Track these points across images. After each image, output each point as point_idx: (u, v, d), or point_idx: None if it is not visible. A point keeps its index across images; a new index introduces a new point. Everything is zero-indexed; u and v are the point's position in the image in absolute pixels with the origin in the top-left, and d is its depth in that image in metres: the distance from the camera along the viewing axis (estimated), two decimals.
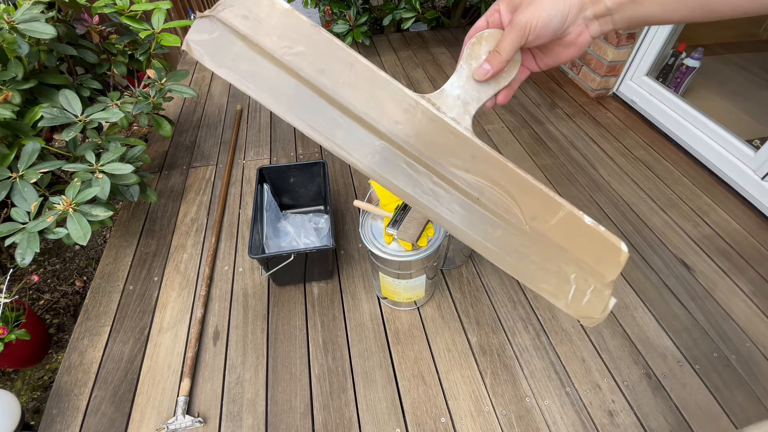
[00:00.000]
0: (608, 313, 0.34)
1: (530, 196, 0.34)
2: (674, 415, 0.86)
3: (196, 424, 0.84)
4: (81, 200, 0.89)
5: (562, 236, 0.34)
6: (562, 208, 0.34)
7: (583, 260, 0.34)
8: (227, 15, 0.30)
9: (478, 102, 0.34)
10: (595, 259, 0.34)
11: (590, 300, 0.34)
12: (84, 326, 1.02)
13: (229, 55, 0.31)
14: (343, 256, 1.17)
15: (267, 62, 0.31)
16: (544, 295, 0.35)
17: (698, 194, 1.35)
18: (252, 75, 0.31)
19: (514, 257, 0.34)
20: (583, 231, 0.34)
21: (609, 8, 0.29)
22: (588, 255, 0.34)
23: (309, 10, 3.40)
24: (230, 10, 0.30)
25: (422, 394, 0.89)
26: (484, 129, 1.65)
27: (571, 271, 0.34)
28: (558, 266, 0.34)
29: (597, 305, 0.34)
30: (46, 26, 0.93)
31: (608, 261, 0.34)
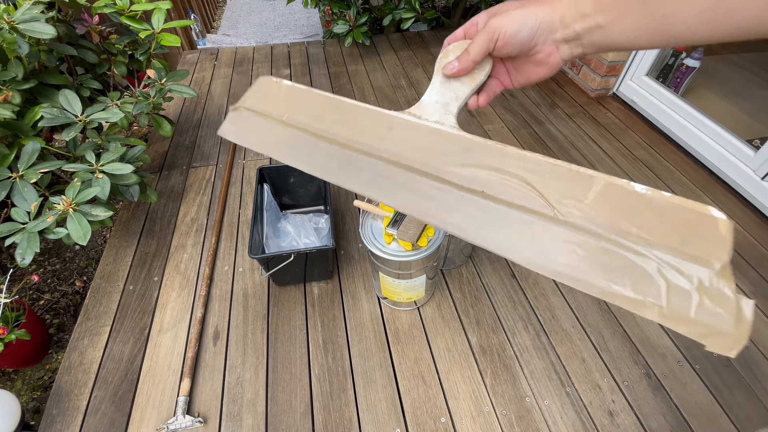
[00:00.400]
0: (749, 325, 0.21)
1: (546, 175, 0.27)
2: (674, 415, 0.86)
3: (196, 424, 0.84)
4: (81, 200, 0.89)
5: (614, 216, 0.24)
6: (594, 179, 0.26)
7: (660, 243, 0.23)
8: (249, 103, 0.39)
9: (458, 101, 0.34)
10: (680, 239, 0.23)
11: (702, 304, 0.22)
12: (84, 326, 1.02)
13: (248, 130, 0.38)
14: (343, 256, 1.17)
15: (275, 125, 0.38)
16: (624, 306, 0.23)
17: (698, 194, 1.35)
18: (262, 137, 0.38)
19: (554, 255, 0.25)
20: (638, 203, 0.24)
21: (578, 33, 0.30)
22: (665, 236, 0.23)
23: (309, 10, 3.40)
24: (251, 99, 0.40)
25: (422, 394, 0.89)
26: (484, 129, 1.65)
27: (651, 263, 0.23)
28: (624, 259, 0.23)
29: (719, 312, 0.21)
30: (46, 26, 0.93)
31: (700, 238, 0.22)
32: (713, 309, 0.21)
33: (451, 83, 0.35)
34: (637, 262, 0.23)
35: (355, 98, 1.63)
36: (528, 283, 1.10)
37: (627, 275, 0.23)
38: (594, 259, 0.24)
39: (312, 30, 3.03)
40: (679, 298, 0.22)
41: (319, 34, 2.89)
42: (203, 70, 2.10)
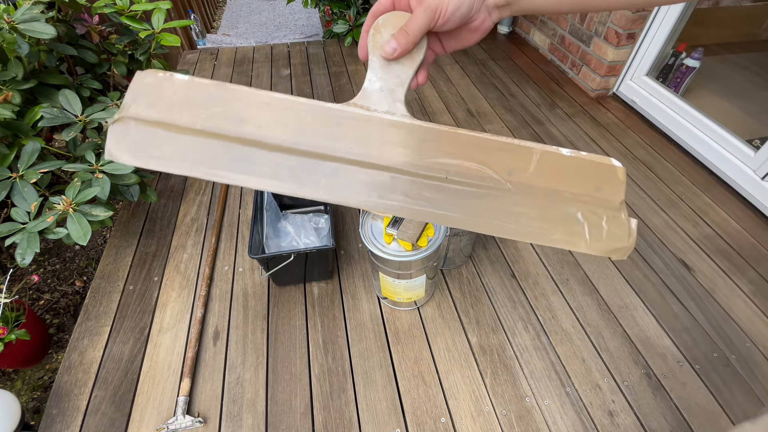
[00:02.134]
0: (635, 236, 0.30)
1: (496, 153, 0.31)
2: (674, 415, 0.86)
3: (196, 424, 0.84)
4: (81, 200, 0.89)
5: (549, 178, 0.31)
6: (533, 151, 0.31)
7: (582, 194, 0.30)
8: (135, 110, 0.30)
9: (402, 86, 0.33)
10: (594, 188, 0.30)
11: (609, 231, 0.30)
12: (84, 326, 1.02)
13: (151, 146, 0.30)
14: (343, 256, 1.17)
15: (190, 136, 0.30)
16: (560, 246, 0.31)
17: (698, 194, 1.35)
18: (180, 155, 0.30)
19: (512, 220, 0.31)
20: (566, 165, 0.31)
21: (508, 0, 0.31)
22: (584, 186, 0.31)
23: (309, 10, 3.40)
24: (136, 105, 0.30)
25: (422, 394, 0.89)
26: (484, 129, 1.65)
27: (575, 209, 0.30)
28: (559, 210, 0.30)
29: (619, 233, 0.30)
30: (46, 26, 0.93)
31: (608, 184, 0.30)
32: (616, 232, 0.30)
33: (392, 66, 0.33)
34: (569, 212, 0.30)
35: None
36: (528, 283, 1.10)
37: (560, 223, 0.30)
38: (542, 217, 0.30)
39: (312, 30, 3.03)
40: (596, 231, 0.30)
41: (319, 34, 2.89)
42: (203, 70, 2.10)
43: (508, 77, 1.99)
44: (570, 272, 1.12)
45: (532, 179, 0.31)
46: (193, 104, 0.31)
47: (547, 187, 0.31)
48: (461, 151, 0.31)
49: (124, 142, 0.30)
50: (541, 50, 2.19)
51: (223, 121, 0.30)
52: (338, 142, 0.31)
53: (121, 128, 0.30)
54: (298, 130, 0.31)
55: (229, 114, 0.31)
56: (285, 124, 0.31)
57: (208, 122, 0.30)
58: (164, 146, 0.30)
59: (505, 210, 0.31)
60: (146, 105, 0.30)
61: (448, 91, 1.90)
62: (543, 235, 0.31)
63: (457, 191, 0.31)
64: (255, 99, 0.31)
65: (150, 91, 0.30)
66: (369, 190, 0.31)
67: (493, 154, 0.31)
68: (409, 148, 0.31)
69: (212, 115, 0.30)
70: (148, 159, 0.30)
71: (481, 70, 2.05)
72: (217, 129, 0.30)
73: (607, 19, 1.66)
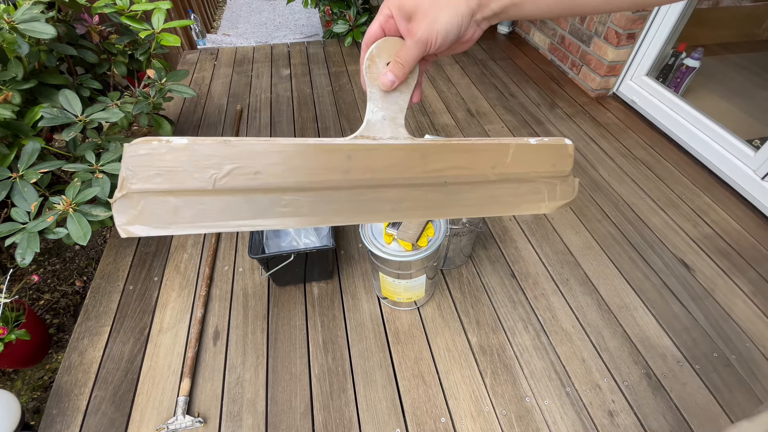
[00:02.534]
0: (577, 190, 0.42)
1: (482, 153, 0.37)
2: (674, 415, 0.86)
3: (196, 424, 0.84)
4: (81, 200, 0.89)
5: (522, 165, 0.38)
6: (509, 147, 0.38)
7: (544, 171, 0.39)
8: (138, 185, 0.30)
9: (402, 111, 0.35)
10: (552, 164, 0.39)
11: (561, 191, 0.40)
12: (84, 326, 1.02)
13: (167, 214, 0.30)
14: (343, 256, 1.17)
15: (206, 197, 0.31)
16: (527, 212, 0.40)
17: (698, 194, 1.35)
18: (201, 215, 0.31)
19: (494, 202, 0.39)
20: (533, 151, 0.39)
21: (495, 11, 0.32)
22: (546, 165, 0.39)
23: (309, 10, 3.40)
24: (137, 179, 0.29)
25: (422, 394, 0.89)
26: (485, 129, 1.66)
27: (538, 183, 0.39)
28: (527, 187, 0.39)
29: (568, 191, 0.41)
30: (46, 26, 0.93)
31: (561, 158, 0.40)
32: (566, 191, 0.41)
33: (391, 95, 0.35)
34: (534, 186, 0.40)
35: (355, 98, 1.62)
36: (528, 283, 1.10)
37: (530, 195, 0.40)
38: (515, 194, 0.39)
39: (312, 30, 3.03)
40: (552, 194, 0.40)
41: (319, 34, 2.89)
42: (203, 70, 2.10)
43: (508, 77, 1.99)
44: (570, 272, 1.12)
45: (509, 168, 0.38)
46: (200, 166, 0.30)
47: (519, 171, 0.39)
48: (454, 157, 0.36)
49: (136, 217, 0.30)
50: (541, 50, 2.19)
51: (239, 178, 0.31)
52: (351, 173, 0.34)
53: (127, 204, 0.30)
54: (313, 171, 0.33)
55: (243, 170, 0.31)
56: (299, 168, 0.32)
57: (223, 181, 0.31)
58: (181, 212, 0.30)
59: (489, 196, 0.38)
60: (148, 176, 0.30)
61: (448, 91, 1.90)
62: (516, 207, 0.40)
63: (453, 190, 0.37)
64: (264, 150, 0.31)
65: (148, 161, 0.29)
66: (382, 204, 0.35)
67: (479, 154, 0.37)
68: (413, 166, 0.35)
69: (226, 173, 0.31)
70: (167, 227, 0.31)
71: (481, 70, 2.05)
72: (234, 186, 0.31)
73: (607, 19, 1.66)
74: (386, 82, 0.33)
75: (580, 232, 1.23)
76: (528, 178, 0.39)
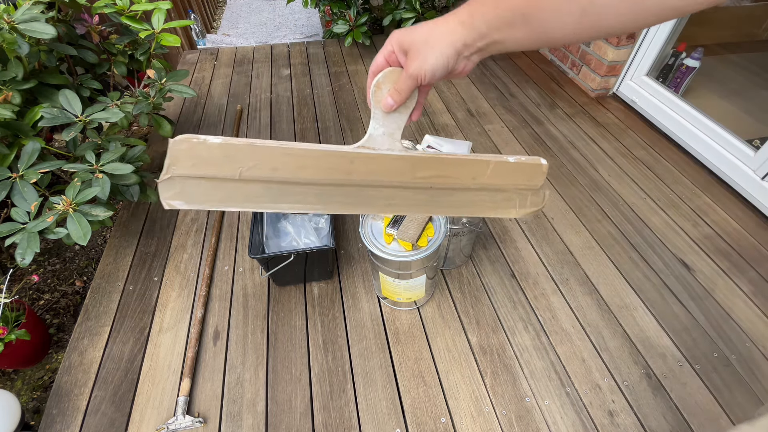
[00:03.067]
0: (546, 200, 0.48)
1: (465, 166, 0.44)
2: (674, 415, 0.86)
3: (196, 424, 0.84)
4: (81, 200, 0.89)
5: (499, 178, 0.45)
6: (489, 163, 0.44)
7: (519, 184, 0.46)
8: (179, 170, 0.37)
9: (399, 129, 0.42)
10: (527, 179, 0.46)
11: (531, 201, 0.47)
12: (84, 326, 1.02)
13: (201, 194, 0.38)
14: (343, 256, 1.17)
15: (233, 183, 0.39)
16: (498, 215, 0.47)
17: (698, 194, 1.35)
18: (228, 197, 0.39)
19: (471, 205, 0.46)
20: (511, 168, 0.45)
21: (480, 48, 0.36)
22: (521, 180, 0.45)
23: (309, 10, 3.40)
24: (178, 165, 0.37)
25: (422, 394, 0.89)
26: (485, 129, 1.66)
27: (512, 193, 0.46)
28: (502, 196, 0.46)
29: (537, 200, 0.47)
30: (46, 26, 0.93)
31: (536, 175, 0.46)
32: (535, 200, 0.47)
33: (391, 116, 0.41)
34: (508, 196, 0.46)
35: (355, 98, 1.62)
36: (528, 283, 1.10)
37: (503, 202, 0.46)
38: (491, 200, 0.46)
39: (312, 30, 3.03)
40: (523, 202, 0.47)
41: (319, 34, 2.89)
42: (203, 70, 2.10)
43: (508, 77, 1.99)
44: (570, 272, 1.12)
45: (488, 180, 0.44)
46: (230, 161, 0.38)
47: (496, 183, 0.45)
48: (440, 168, 0.43)
49: (176, 194, 0.38)
50: (541, 50, 2.19)
51: (259, 171, 0.39)
52: (353, 174, 0.41)
53: (170, 184, 0.38)
54: (321, 170, 0.40)
55: (263, 166, 0.39)
56: (310, 167, 0.40)
57: (247, 173, 0.39)
58: (212, 193, 0.39)
59: (467, 200, 0.45)
60: (187, 166, 0.38)
61: (448, 92, 1.90)
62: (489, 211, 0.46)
63: (437, 193, 0.44)
64: (283, 152, 0.39)
65: (187, 154, 0.37)
66: (377, 200, 0.43)
67: (462, 167, 0.43)
68: (404, 172, 0.42)
69: (249, 167, 0.39)
70: (201, 204, 0.39)
71: (481, 70, 2.05)
72: (255, 177, 0.39)
73: None
74: (386, 105, 0.40)
75: (580, 232, 1.23)
76: (504, 188, 0.45)
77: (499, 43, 0.35)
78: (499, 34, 0.34)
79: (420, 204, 0.44)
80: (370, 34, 2.23)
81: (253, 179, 0.39)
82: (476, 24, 0.34)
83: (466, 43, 0.35)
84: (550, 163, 1.47)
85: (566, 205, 1.32)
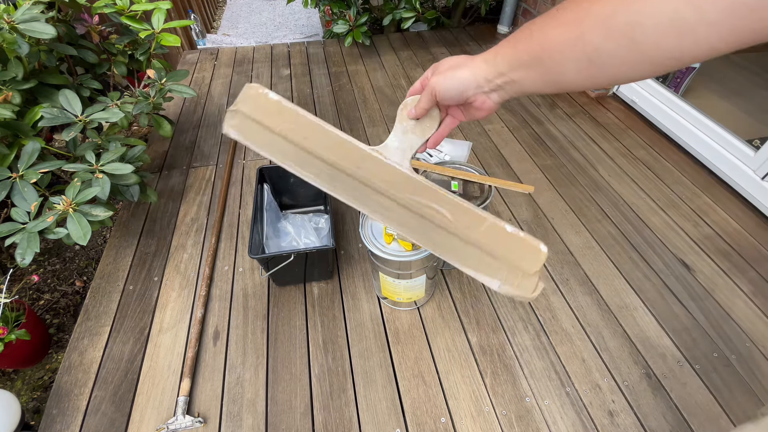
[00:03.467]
0: (537, 291, 0.41)
1: (460, 211, 0.43)
2: (674, 415, 0.86)
3: (196, 424, 0.84)
4: (81, 200, 0.89)
5: (493, 242, 0.42)
6: (485, 220, 0.43)
7: (512, 259, 0.42)
8: (242, 108, 0.46)
9: (412, 150, 0.46)
10: (520, 258, 0.42)
11: (521, 284, 0.42)
12: (84, 326, 1.02)
13: (250, 133, 0.46)
14: (343, 256, 1.17)
15: (274, 136, 0.46)
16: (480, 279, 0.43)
17: (698, 194, 1.35)
18: (267, 144, 0.46)
19: (457, 253, 0.43)
20: (506, 237, 0.42)
21: (499, 85, 0.39)
22: (514, 255, 0.42)
23: (309, 10, 3.40)
24: (243, 104, 0.46)
25: (422, 394, 0.89)
26: (485, 129, 1.65)
27: (502, 265, 0.42)
28: (489, 260, 0.42)
29: (527, 288, 0.41)
30: (46, 26, 0.93)
31: (531, 259, 0.42)
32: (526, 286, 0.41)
33: (409, 135, 0.47)
34: (497, 264, 0.42)
35: (355, 98, 1.62)
36: None
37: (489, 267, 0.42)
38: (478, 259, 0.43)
39: (312, 30, 3.03)
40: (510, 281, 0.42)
41: (319, 34, 2.89)
42: (203, 70, 2.10)
43: None
44: (570, 272, 1.12)
45: (480, 237, 0.43)
46: (277, 116, 0.46)
47: (488, 245, 0.43)
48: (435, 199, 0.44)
49: (235, 125, 0.46)
50: None
51: (293, 134, 0.46)
52: (361, 170, 0.45)
53: (233, 116, 0.46)
54: (336, 154, 0.45)
55: (297, 131, 0.46)
56: (329, 147, 0.45)
57: (285, 131, 0.46)
58: (256, 135, 0.46)
59: (455, 246, 0.43)
60: (250, 107, 0.46)
61: None
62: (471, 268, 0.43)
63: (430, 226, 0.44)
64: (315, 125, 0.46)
65: (252, 98, 0.46)
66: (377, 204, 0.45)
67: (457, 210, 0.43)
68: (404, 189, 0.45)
69: (287, 127, 0.46)
70: (249, 141, 0.46)
71: None
72: (289, 137, 0.46)
73: None
74: (409, 113, 0.47)
75: (580, 232, 1.23)
76: (494, 255, 0.42)
77: (516, 83, 0.37)
78: (516, 74, 0.37)
79: (411, 228, 0.44)
80: (370, 34, 2.23)
81: (287, 139, 0.45)
82: (497, 62, 0.38)
83: (486, 77, 0.39)
84: (549, 164, 1.47)
85: (566, 205, 1.32)
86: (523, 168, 1.47)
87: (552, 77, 0.35)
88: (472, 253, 0.43)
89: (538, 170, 1.45)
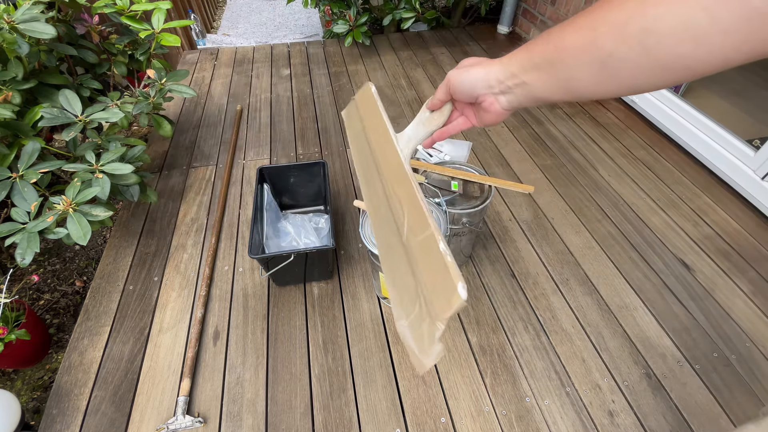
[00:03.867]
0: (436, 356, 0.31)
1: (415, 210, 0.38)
2: (674, 415, 0.86)
3: (196, 424, 0.84)
4: (81, 200, 0.89)
5: (422, 254, 0.35)
6: (428, 228, 0.35)
7: (426, 283, 0.33)
8: (357, 97, 0.56)
9: (418, 139, 0.48)
10: (432, 288, 0.32)
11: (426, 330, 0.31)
12: (84, 326, 1.02)
13: (350, 115, 0.57)
14: (343, 256, 1.17)
15: (359, 121, 0.54)
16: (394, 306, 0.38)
17: (698, 194, 1.35)
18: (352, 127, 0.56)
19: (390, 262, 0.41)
20: (435, 255, 0.33)
21: (509, 87, 0.39)
22: (430, 280, 0.33)
23: (309, 10, 3.40)
24: (359, 95, 0.55)
25: (422, 394, 0.89)
26: (485, 129, 1.65)
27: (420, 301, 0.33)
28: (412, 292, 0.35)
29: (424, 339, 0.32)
30: (46, 26, 0.93)
31: (443, 295, 0.31)
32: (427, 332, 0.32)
33: (420, 126, 0.48)
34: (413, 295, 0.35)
35: None
36: (528, 283, 1.10)
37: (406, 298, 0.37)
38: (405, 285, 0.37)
39: (312, 30, 3.03)
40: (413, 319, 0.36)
41: (319, 34, 2.89)
42: (203, 70, 2.10)
43: None
44: (570, 272, 1.12)
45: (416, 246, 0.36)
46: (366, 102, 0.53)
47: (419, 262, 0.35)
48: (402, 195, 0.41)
49: (349, 107, 0.58)
50: None
51: (366, 116, 0.53)
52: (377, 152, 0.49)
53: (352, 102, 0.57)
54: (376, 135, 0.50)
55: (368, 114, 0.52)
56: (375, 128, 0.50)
57: (363, 115, 0.54)
58: (352, 121, 0.56)
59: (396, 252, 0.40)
60: (359, 96, 0.55)
61: None
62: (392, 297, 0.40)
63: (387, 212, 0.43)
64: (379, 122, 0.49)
65: (363, 91, 0.54)
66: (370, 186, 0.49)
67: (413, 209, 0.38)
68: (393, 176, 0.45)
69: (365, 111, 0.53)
70: (348, 122, 0.57)
71: None
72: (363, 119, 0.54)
73: None
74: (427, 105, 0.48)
75: (580, 232, 1.23)
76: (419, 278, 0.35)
77: (527, 86, 0.38)
78: (527, 75, 0.37)
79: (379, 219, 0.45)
80: (370, 34, 2.23)
81: (363, 125, 0.53)
82: (511, 64, 0.38)
83: (498, 78, 0.39)
84: (549, 164, 1.47)
85: (566, 205, 1.32)
86: (523, 168, 1.47)
87: (563, 82, 0.35)
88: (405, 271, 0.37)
89: (538, 170, 1.45)
